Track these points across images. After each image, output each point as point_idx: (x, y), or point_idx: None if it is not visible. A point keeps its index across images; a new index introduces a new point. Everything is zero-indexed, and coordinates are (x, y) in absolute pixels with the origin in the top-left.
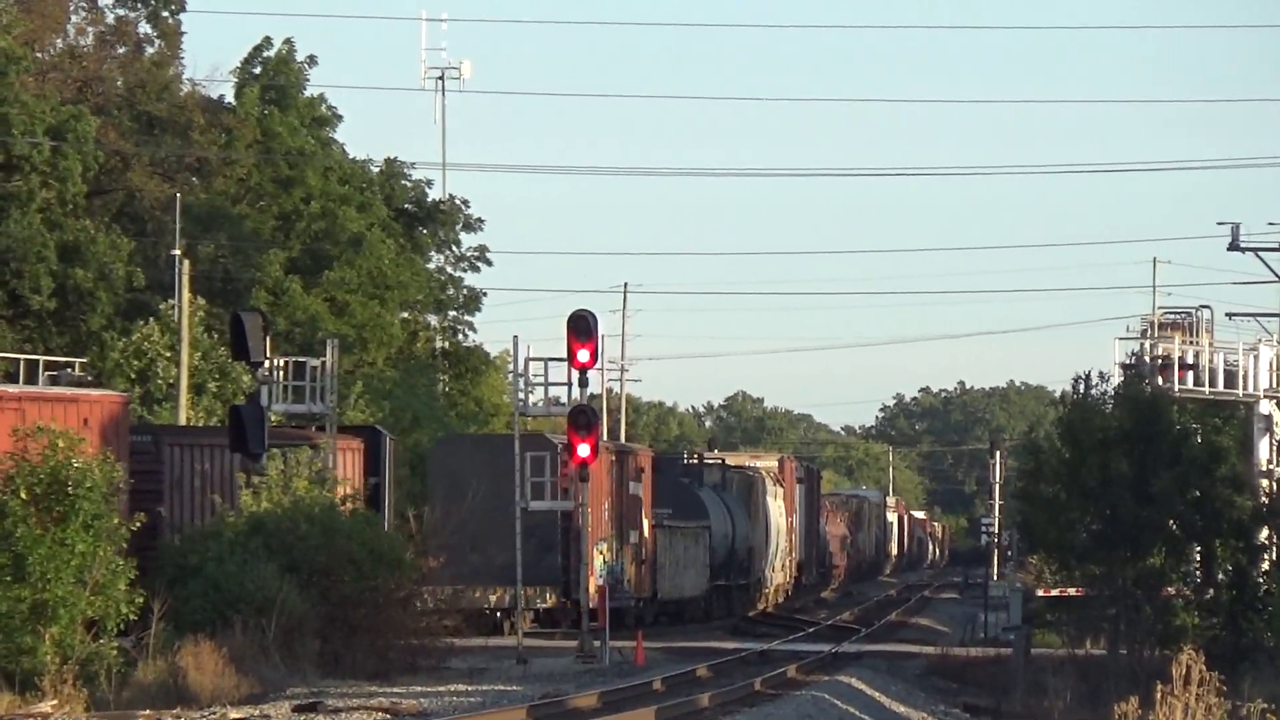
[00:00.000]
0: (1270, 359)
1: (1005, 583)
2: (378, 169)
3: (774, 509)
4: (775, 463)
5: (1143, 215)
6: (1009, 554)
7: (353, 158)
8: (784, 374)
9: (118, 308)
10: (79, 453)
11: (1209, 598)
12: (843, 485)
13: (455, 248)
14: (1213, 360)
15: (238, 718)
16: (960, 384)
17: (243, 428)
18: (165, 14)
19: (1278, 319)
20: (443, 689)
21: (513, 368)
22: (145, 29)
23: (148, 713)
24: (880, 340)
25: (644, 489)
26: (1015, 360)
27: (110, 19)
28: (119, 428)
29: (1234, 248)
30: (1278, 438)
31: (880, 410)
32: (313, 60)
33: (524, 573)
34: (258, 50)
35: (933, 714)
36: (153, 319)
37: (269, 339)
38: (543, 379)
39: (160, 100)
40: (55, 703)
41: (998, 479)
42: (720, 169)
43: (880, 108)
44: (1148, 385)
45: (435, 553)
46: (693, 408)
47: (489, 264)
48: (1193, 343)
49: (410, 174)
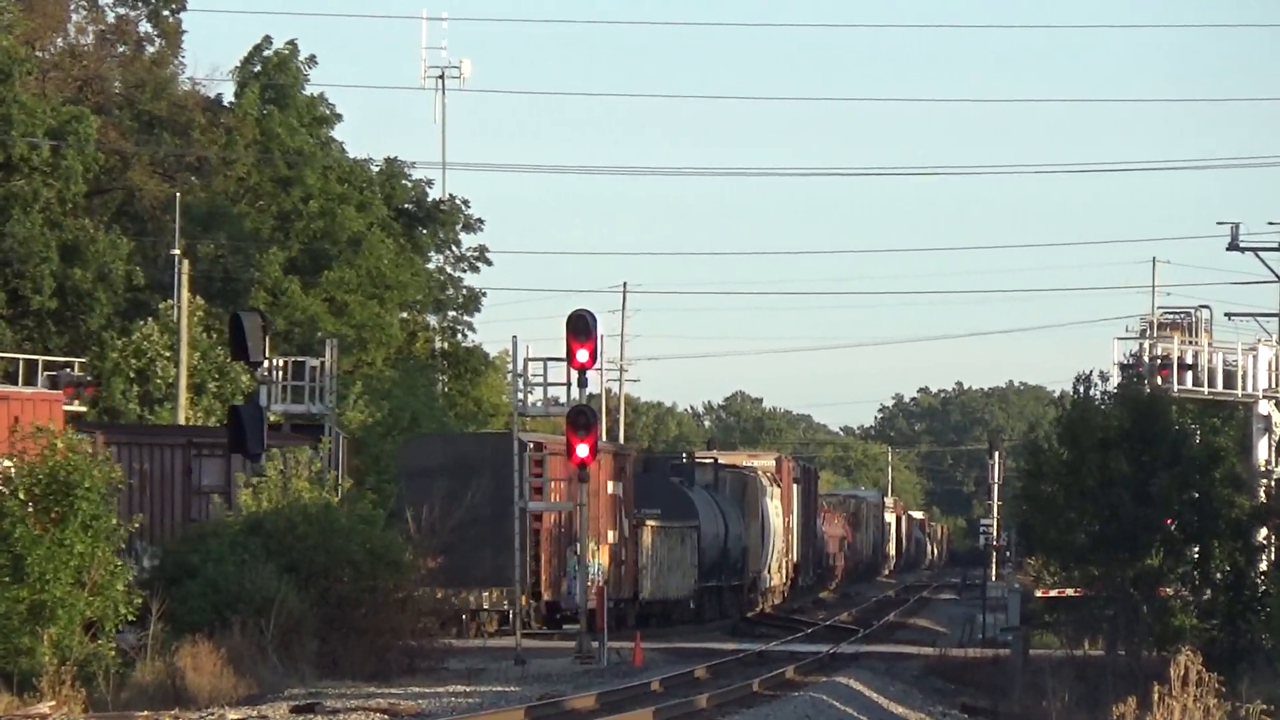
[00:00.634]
0: (1269, 359)
1: (1003, 583)
2: (377, 169)
3: (770, 509)
4: (772, 462)
5: (1142, 215)
6: (1007, 555)
7: (352, 157)
8: (783, 374)
9: (117, 307)
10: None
11: (1207, 598)
12: (842, 486)
13: (455, 248)
14: (1212, 360)
15: (236, 718)
16: (959, 384)
17: (242, 428)
18: (165, 13)
19: (1277, 319)
20: (441, 690)
21: (512, 368)
22: (146, 28)
23: (146, 713)
24: (879, 340)
25: (624, 488)
26: (1014, 360)
27: (111, 18)
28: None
29: (1233, 248)
30: (1276, 438)
31: (879, 410)
32: (312, 60)
33: (490, 574)
34: (257, 49)
35: (931, 715)
36: (152, 319)
37: (268, 339)
38: (542, 379)
39: (158, 99)
40: (53, 703)
41: (996, 479)
42: (720, 169)
43: (880, 108)
44: (1146, 385)
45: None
46: (691, 408)
47: (489, 264)
48: (1192, 343)
49: (410, 174)
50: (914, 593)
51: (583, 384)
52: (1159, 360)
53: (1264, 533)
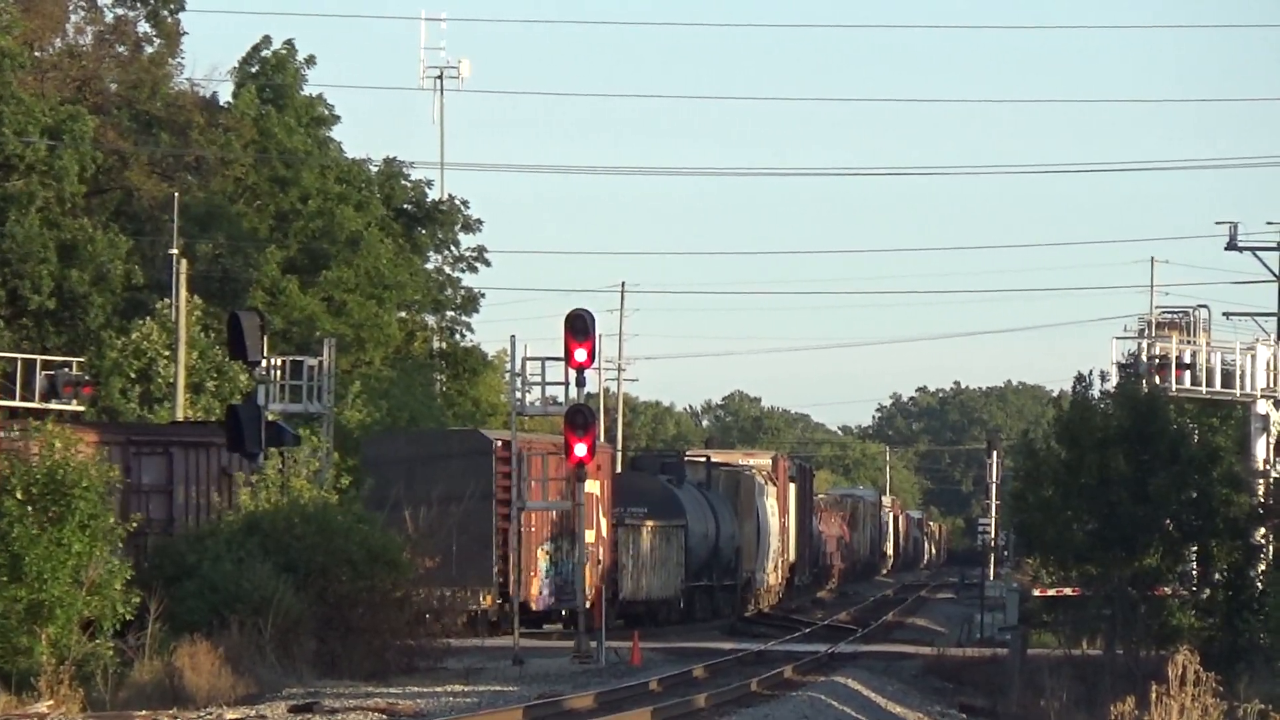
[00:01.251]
0: (1267, 358)
1: (1002, 583)
2: (376, 169)
3: (766, 508)
4: (768, 461)
5: (1140, 215)
6: (1005, 554)
7: (351, 157)
8: (781, 374)
9: (115, 307)
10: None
11: (1205, 598)
12: (840, 485)
13: (453, 248)
14: (1210, 360)
15: (234, 718)
16: (957, 384)
17: (240, 427)
18: (164, 13)
19: (1275, 318)
20: (439, 689)
21: (510, 367)
22: (144, 28)
23: (144, 713)
24: (877, 340)
25: (603, 487)
26: (1012, 360)
27: (109, 18)
28: None
29: (1232, 247)
30: (1274, 437)
31: (877, 410)
32: (311, 60)
33: (456, 572)
34: (256, 50)
35: (929, 714)
36: (151, 318)
37: (266, 338)
38: (540, 378)
39: (153, 99)
40: (51, 703)
41: (994, 479)
42: (718, 169)
43: (880, 108)
44: (1145, 385)
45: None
46: (690, 407)
47: (487, 265)
48: (1190, 342)
49: (409, 174)
50: (912, 592)
51: (581, 383)
52: (1157, 360)
53: (1262, 532)
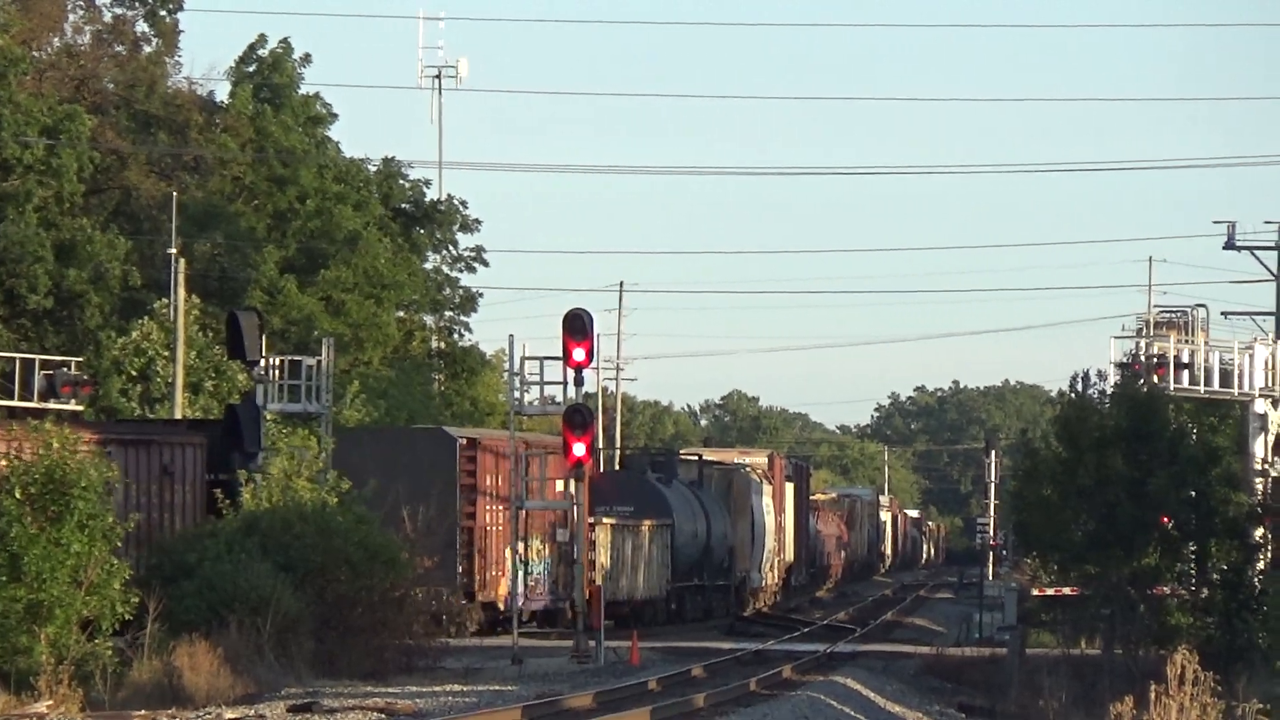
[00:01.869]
0: (1265, 358)
1: (1000, 582)
2: (375, 168)
3: (760, 507)
4: (764, 460)
5: (1139, 214)
6: (1004, 554)
7: (349, 156)
8: (779, 373)
9: (114, 307)
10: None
11: (1204, 597)
12: (838, 484)
13: (452, 248)
14: (1208, 359)
15: (233, 718)
16: (955, 383)
17: (238, 426)
18: (162, 13)
19: (1273, 317)
20: (438, 689)
21: (508, 367)
22: (142, 28)
23: (143, 713)
24: (876, 339)
25: (578, 485)
26: (1011, 359)
27: (107, 18)
28: None
29: (1230, 246)
30: (1272, 436)
31: (875, 409)
32: (307, 59)
33: (420, 573)
34: (252, 49)
35: (928, 714)
36: (149, 318)
37: (264, 338)
38: (538, 378)
39: (151, 98)
40: (50, 703)
41: (993, 478)
42: (718, 169)
43: (880, 107)
44: (1143, 384)
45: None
46: (688, 407)
47: (485, 265)
48: (1188, 341)
49: (408, 174)
50: (911, 592)
51: (579, 383)
52: (1155, 359)
53: (1260, 531)
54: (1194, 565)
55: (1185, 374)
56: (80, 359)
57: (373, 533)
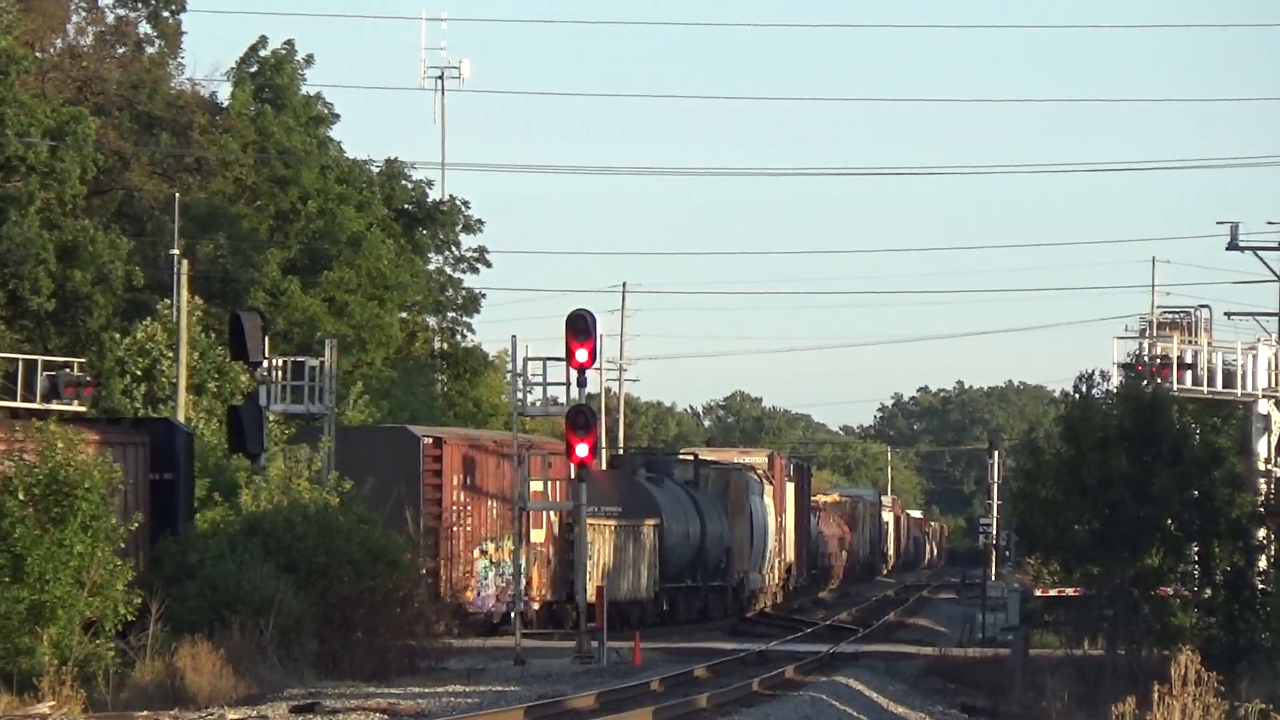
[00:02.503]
0: (1269, 358)
1: (1003, 583)
2: (378, 169)
3: (759, 507)
4: (764, 460)
5: (1142, 215)
6: (1007, 554)
7: (351, 157)
8: (782, 374)
9: (117, 308)
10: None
11: (1207, 598)
12: (840, 485)
13: (455, 249)
14: (1211, 360)
15: (235, 718)
16: (959, 384)
17: (241, 427)
18: (165, 14)
19: (1276, 318)
20: (440, 689)
21: (511, 368)
22: (145, 29)
23: (145, 714)
24: (879, 340)
25: (552, 485)
26: (1014, 360)
27: (110, 19)
28: None
29: (1233, 247)
30: (1276, 437)
31: (878, 410)
32: (309, 59)
33: None
34: (254, 49)
35: (930, 714)
36: (151, 319)
37: (267, 339)
38: (541, 379)
39: (154, 99)
40: (53, 703)
41: (996, 479)
42: (720, 169)
43: (880, 108)
44: (1147, 385)
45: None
46: (691, 407)
47: (488, 265)
48: (1192, 342)
49: (410, 174)
50: (913, 592)
51: (582, 384)
52: (1159, 359)
53: (1264, 532)
54: (1197, 566)
55: (1189, 375)
56: (83, 360)
57: (375, 533)
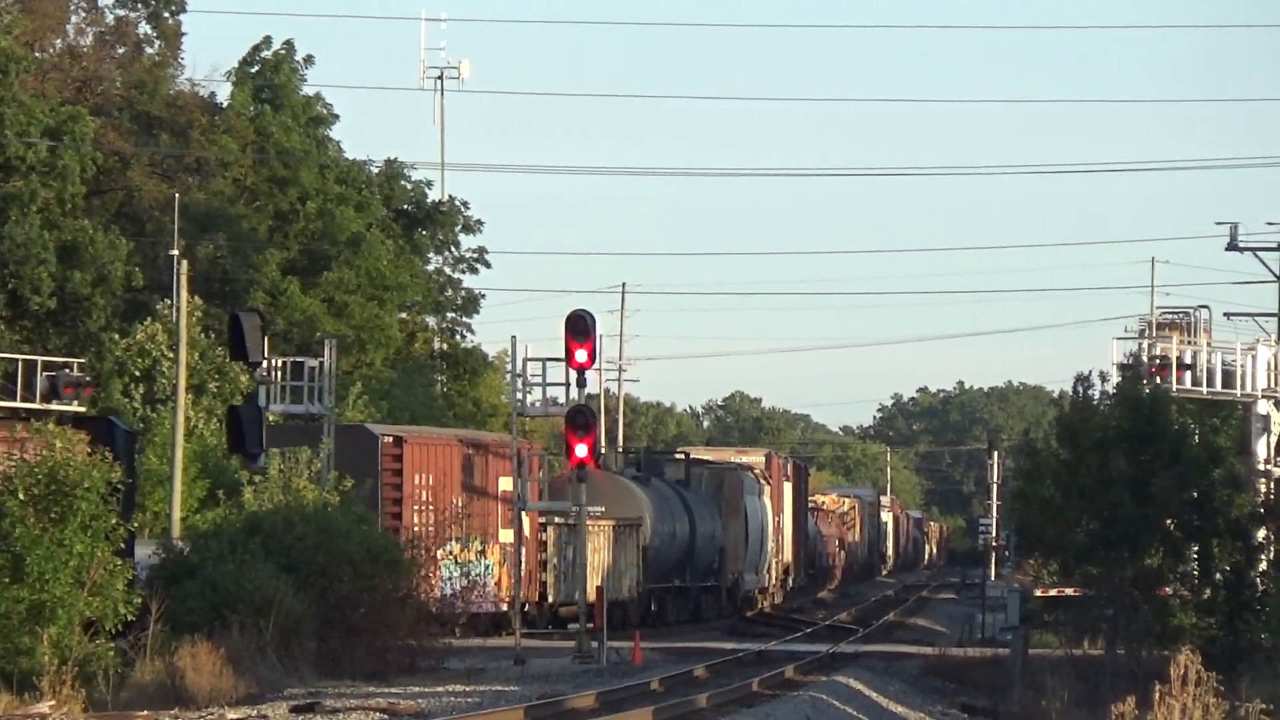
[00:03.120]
0: (1268, 359)
1: (1003, 583)
2: (377, 169)
3: (755, 507)
4: (761, 460)
5: (1141, 215)
6: (1006, 554)
7: (350, 158)
8: (782, 374)
9: (116, 308)
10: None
11: (1206, 598)
12: (840, 485)
13: (454, 249)
14: (1211, 360)
15: (235, 718)
16: (958, 384)
17: (241, 428)
18: (165, 14)
19: (1276, 319)
20: (440, 689)
21: (510, 368)
22: (145, 30)
23: (145, 713)
24: (879, 340)
25: (526, 485)
26: (1014, 360)
27: (110, 19)
28: None
29: (1232, 248)
30: (1275, 437)
31: (878, 410)
32: (309, 60)
33: None
34: (256, 50)
35: (930, 714)
36: (151, 319)
37: (267, 339)
38: (540, 379)
39: (153, 100)
40: (53, 703)
41: (995, 479)
42: (720, 169)
43: (880, 108)
44: (1146, 385)
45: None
46: (691, 408)
47: (488, 265)
48: (1191, 343)
49: (410, 175)
50: (913, 592)
51: (581, 384)
52: (1158, 360)
53: (1263, 532)
54: (1197, 566)
55: (1188, 375)
56: (82, 360)
57: (374, 533)
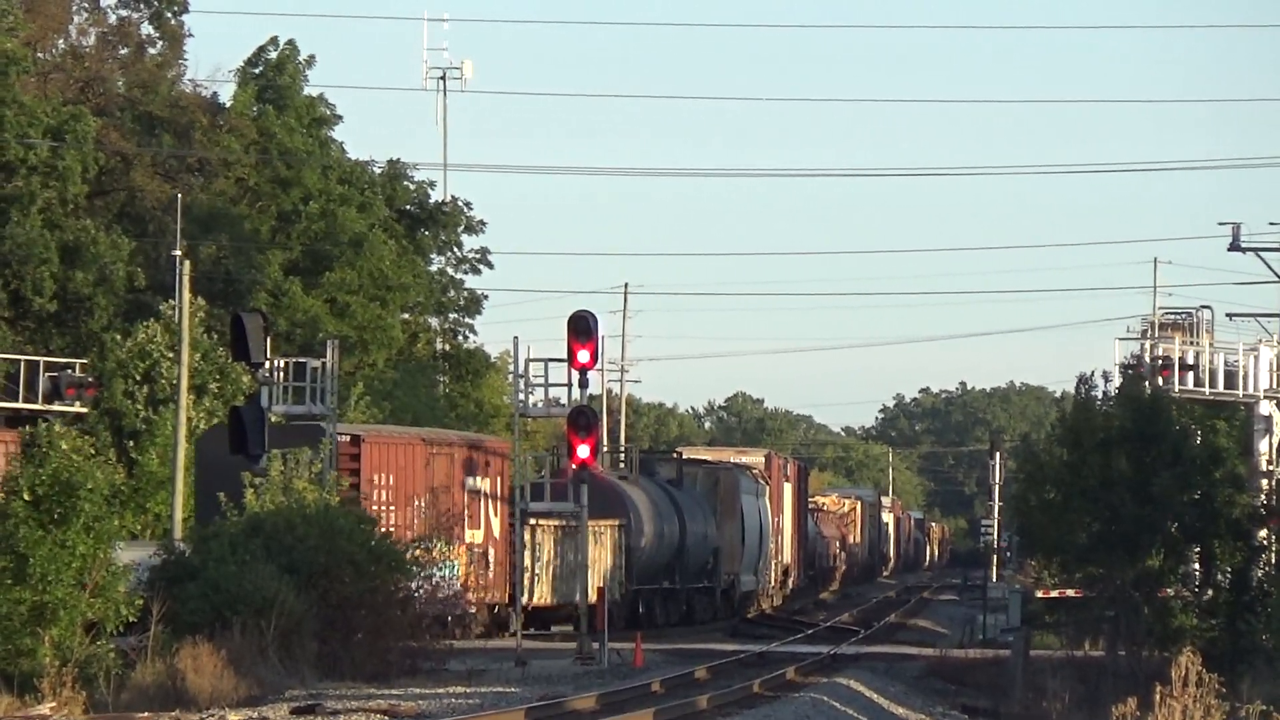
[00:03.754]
0: (1270, 359)
1: (1004, 584)
2: (380, 170)
3: (752, 508)
4: (760, 460)
5: (1143, 215)
6: (1008, 555)
7: (353, 158)
8: (784, 374)
9: (118, 309)
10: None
11: (1208, 599)
12: (841, 486)
13: (457, 250)
14: (1213, 361)
15: (236, 719)
16: (960, 385)
17: (243, 428)
18: (168, 15)
19: (1278, 319)
20: (441, 691)
21: (513, 369)
22: (148, 30)
23: (146, 715)
24: (880, 341)
25: (495, 484)
26: (1016, 361)
27: (112, 20)
28: None
29: (1235, 248)
30: (1277, 438)
31: (880, 411)
32: (311, 60)
33: None
34: (261, 51)
35: (931, 715)
36: (155, 320)
37: (269, 340)
38: (543, 380)
39: (155, 100)
40: (54, 705)
41: (997, 480)
42: (720, 169)
43: (880, 108)
44: (1148, 385)
45: None
46: (693, 408)
47: (490, 266)
48: (1193, 343)
49: (412, 175)
50: (914, 593)
51: (584, 385)
52: (1160, 361)
53: (1265, 533)
54: (1198, 567)
55: (1190, 375)
56: (84, 361)
57: (375, 534)
